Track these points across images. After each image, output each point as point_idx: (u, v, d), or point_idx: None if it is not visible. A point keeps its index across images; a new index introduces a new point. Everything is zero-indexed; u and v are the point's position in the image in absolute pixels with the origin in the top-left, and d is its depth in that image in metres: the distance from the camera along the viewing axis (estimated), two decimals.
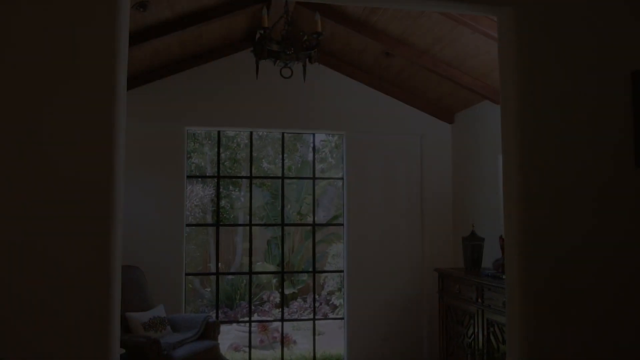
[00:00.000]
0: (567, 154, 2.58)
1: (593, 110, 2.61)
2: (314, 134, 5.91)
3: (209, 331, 4.72)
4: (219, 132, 5.82)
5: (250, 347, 5.70)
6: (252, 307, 9.45)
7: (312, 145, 11.41)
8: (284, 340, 7.21)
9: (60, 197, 2.16)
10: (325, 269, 9.74)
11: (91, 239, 2.18)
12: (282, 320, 5.86)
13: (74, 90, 2.19)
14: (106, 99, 2.22)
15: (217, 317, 5.63)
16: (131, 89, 5.29)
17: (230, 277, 9.86)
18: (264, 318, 8.43)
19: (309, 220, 10.79)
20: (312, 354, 6.04)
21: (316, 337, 8.36)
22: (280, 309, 5.92)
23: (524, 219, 2.60)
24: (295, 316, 9.32)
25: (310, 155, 11.52)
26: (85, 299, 2.16)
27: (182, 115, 5.42)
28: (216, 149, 10.80)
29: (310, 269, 9.93)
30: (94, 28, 2.18)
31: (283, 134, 5.92)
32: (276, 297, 9.69)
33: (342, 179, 5.89)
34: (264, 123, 5.60)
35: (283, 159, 5.92)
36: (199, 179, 10.18)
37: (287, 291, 9.88)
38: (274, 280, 10.18)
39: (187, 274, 5.60)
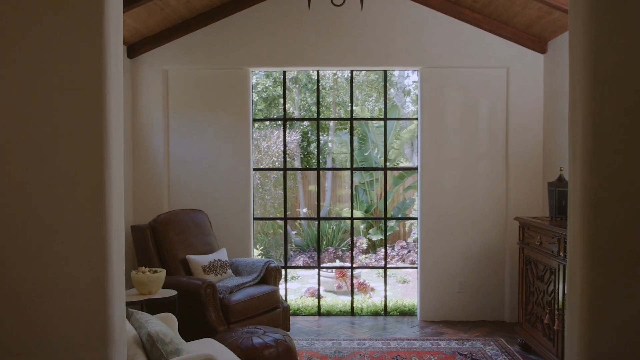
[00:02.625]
0: None
1: None
2: (385, 71, 5.43)
3: (270, 276, 4.63)
4: (284, 73, 5.56)
5: (319, 292, 5.59)
6: (339, 253, 9.42)
7: (399, 86, 10.84)
8: (360, 287, 7.07)
9: (52, 141, 2.05)
10: (411, 215, 9.36)
11: (85, 180, 2.07)
12: (352, 268, 5.65)
13: (62, 21, 2.04)
14: (96, 27, 2.04)
15: (285, 262, 5.56)
16: (191, 32, 5.18)
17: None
18: (334, 264, 8.32)
19: (399, 166, 10.36)
20: (390, 302, 5.81)
21: (400, 285, 8.16)
22: (351, 255, 5.71)
23: (590, 161, 2.09)
24: (382, 263, 9.11)
25: (401, 97, 10.96)
26: (81, 248, 2.07)
27: (245, 56, 5.22)
28: (304, 94, 10.67)
29: (399, 215, 9.63)
30: None
31: (352, 72, 5.52)
32: (363, 243, 9.54)
33: (416, 119, 5.42)
34: (331, 61, 5.24)
35: (352, 99, 5.54)
36: (287, 125, 10.06)
37: (374, 238, 9.68)
38: (362, 226, 10.01)
39: (255, 219, 5.54)
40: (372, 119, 9.67)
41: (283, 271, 5.34)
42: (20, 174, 2.04)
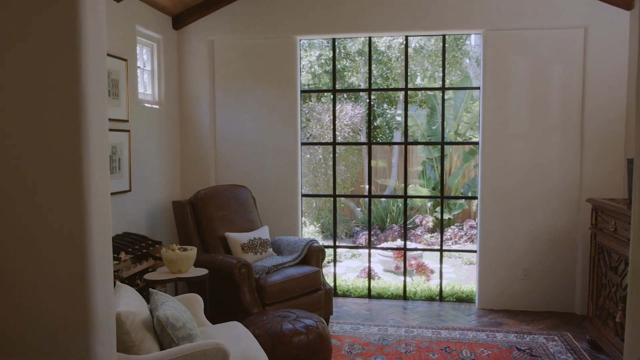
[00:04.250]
0: None
1: None
2: (444, 36, 4.93)
3: (312, 256, 4.39)
4: (333, 40, 5.22)
5: (369, 274, 5.29)
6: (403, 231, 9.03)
7: (472, 55, 10.10)
8: (419, 269, 6.70)
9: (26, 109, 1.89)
10: None
11: (61, 153, 1.90)
12: (404, 249, 5.29)
13: None
14: None
15: (334, 240, 5.29)
16: (237, 0, 4.96)
17: (383, 200, 9.47)
18: (386, 245, 7.92)
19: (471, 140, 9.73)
20: (447, 287, 5.41)
21: (466, 267, 7.68)
22: (404, 236, 5.34)
23: None
24: (450, 243, 8.66)
25: (475, 68, 10.23)
26: (58, 226, 1.92)
27: (293, 24, 4.93)
28: (369, 67, 10.20)
29: (469, 194, 9.06)
30: None
31: (406, 37, 5.07)
32: (429, 222, 9.08)
33: (478, 88, 4.91)
34: (384, 26, 4.83)
35: (406, 68, 5.08)
36: (352, 98, 9.71)
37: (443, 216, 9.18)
38: (429, 204, 9.53)
39: (303, 195, 5.31)
40: (428, 88, 9.09)
41: (332, 251, 5.09)
42: None
